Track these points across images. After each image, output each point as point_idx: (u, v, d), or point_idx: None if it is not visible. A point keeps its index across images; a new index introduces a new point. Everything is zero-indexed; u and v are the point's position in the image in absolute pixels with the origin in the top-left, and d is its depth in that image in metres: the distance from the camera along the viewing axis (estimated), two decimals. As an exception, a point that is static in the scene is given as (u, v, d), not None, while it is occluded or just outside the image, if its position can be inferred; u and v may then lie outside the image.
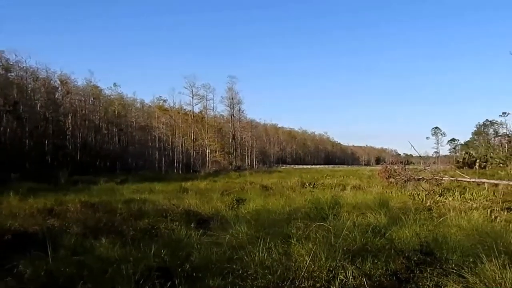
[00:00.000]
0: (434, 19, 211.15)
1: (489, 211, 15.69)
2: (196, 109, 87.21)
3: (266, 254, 7.28)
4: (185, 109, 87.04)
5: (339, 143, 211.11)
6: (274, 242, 7.86)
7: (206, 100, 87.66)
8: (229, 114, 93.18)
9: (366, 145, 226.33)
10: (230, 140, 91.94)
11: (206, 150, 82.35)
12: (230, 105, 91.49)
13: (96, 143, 73.60)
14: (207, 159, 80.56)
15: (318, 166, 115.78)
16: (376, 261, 6.90)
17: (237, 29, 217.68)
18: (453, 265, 6.45)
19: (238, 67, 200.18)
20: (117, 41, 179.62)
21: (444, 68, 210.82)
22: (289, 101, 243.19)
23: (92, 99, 76.59)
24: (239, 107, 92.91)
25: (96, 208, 14.30)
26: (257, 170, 73.66)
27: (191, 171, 69.66)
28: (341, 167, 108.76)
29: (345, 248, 7.28)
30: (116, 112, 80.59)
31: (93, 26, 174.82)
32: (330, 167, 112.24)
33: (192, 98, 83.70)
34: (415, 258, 6.81)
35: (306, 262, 6.64)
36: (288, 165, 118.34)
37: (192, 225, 10.99)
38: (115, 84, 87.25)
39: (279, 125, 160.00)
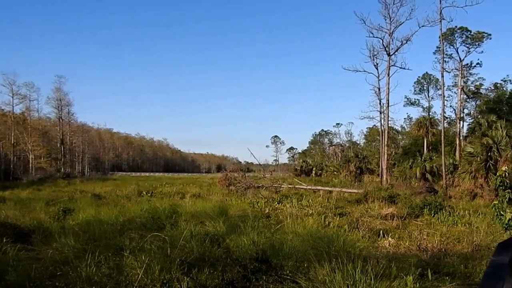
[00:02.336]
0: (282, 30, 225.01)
1: (323, 217, 17.23)
2: (17, 110, 79.83)
3: (94, 269, 7.03)
4: (3, 110, 78.88)
5: (179, 150, 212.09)
6: (105, 255, 7.70)
7: (30, 101, 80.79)
8: (57, 116, 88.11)
9: (207, 152, 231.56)
10: (58, 145, 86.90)
11: (30, 155, 75.60)
12: (58, 106, 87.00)
13: None
14: (30, 165, 74.24)
15: (157, 174, 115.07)
16: (213, 271, 6.99)
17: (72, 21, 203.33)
18: (288, 272, 6.78)
19: (68, 68, 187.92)
20: None
21: (284, 79, 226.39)
22: (126, 105, 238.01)
23: None
24: (68, 109, 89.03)
25: None
26: (90, 178, 72.43)
27: (11, 178, 63.56)
28: (181, 175, 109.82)
29: (181, 259, 7.32)
30: None
31: None
32: (170, 174, 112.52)
33: (12, 97, 76.24)
34: (251, 267, 6.99)
35: (139, 275, 6.53)
36: (124, 173, 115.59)
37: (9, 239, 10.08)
38: None
39: (115, 130, 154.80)
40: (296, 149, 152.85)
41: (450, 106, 72.23)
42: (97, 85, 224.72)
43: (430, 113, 75.49)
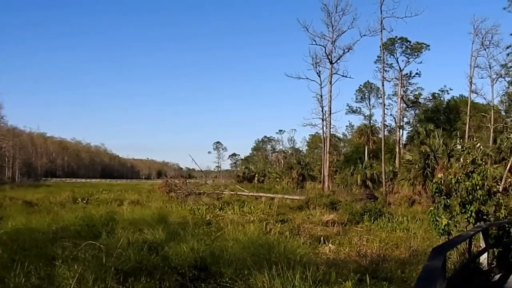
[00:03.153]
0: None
1: (265, 223, 17.34)
2: None
3: (23, 279, 6.79)
4: None
5: (118, 155, 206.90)
6: (35, 265, 7.49)
7: (-48, 102, 76.14)
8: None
9: (148, 158, 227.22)
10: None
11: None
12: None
13: None
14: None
15: (93, 180, 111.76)
16: (150, 280, 6.88)
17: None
18: (227, 279, 6.75)
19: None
20: None
21: (227, 85, 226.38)
22: (60, 109, 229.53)
23: None
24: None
25: None
26: (21, 184, 69.63)
27: None
28: (119, 181, 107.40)
29: (117, 268, 7.18)
30: None
31: None
32: (108, 181, 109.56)
33: None
34: (190, 274, 6.92)
35: (71, 285, 6.38)
36: (59, 179, 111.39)
37: None
38: None
39: (48, 135, 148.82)
40: (239, 155, 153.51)
41: (391, 114, 75.00)
42: (31, 88, 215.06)
43: (371, 121, 78.06)
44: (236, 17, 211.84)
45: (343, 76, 49.31)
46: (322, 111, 50.99)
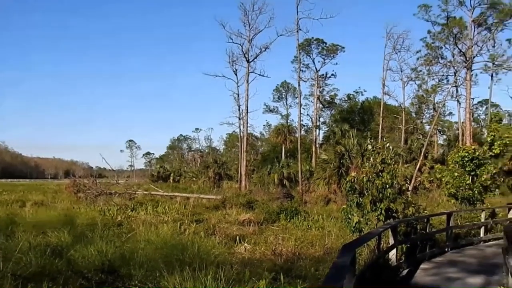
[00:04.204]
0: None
1: (179, 224, 17.20)
2: None
3: None
4: None
5: (21, 154, 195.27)
6: None
7: None
8: None
9: (54, 157, 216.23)
10: None
11: None
12: None
13: None
14: None
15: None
16: (52, 285, 6.61)
17: None
18: (137, 281, 6.61)
19: None
20: None
21: (142, 82, 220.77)
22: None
23: None
24: None
25: None
26: None
27: None
28: (22, 181, 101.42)
29: (16, 273, 6.82)
30: None
31: None
32: (9, 181, 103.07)
33: None
34: (96, 278, 6.70)
35: None
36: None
37: None
38: None
39: None
40: (153, 154, 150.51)
41: (307, 114, 77.19)
42: None
43: (288, 121, 79.49)
44: (148, 12, 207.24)
45: (260, 75, 50.27)
46: (239, 109, 51.52)
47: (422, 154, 46.31)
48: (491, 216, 19.31)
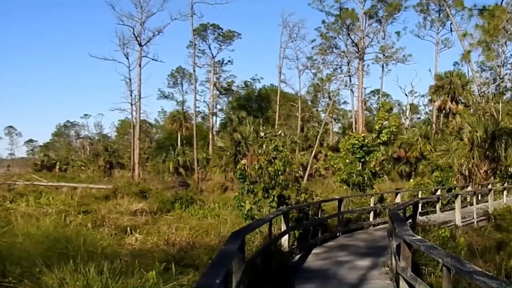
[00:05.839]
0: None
1: (64, 215, 16.50)
2: None
3: None
4: None
5: None
6: None
7: None
8: None
9: None
10: None
11: None
12: None
13: None
14: None
15: None
16: None
17: None
18: (11, 279, 6.29)
19: None
20: None
21: (17, 64, 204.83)
22: None
23: None
24: None
25: None
26: None
27: None
28: None
29: None
30: None
31: None
32: None
33: None
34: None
35: None
36: None
37: None
38: None
39: None
40: (37, 141, 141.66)
41: (204, 101, 77.21)
42: None
43: (184, 107, 78.81)
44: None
45: (153, 59, 49.90)
46: (131, 95, 50.46)
47: (317, 141, 48.49)
48: (380, 201, 20.67)
